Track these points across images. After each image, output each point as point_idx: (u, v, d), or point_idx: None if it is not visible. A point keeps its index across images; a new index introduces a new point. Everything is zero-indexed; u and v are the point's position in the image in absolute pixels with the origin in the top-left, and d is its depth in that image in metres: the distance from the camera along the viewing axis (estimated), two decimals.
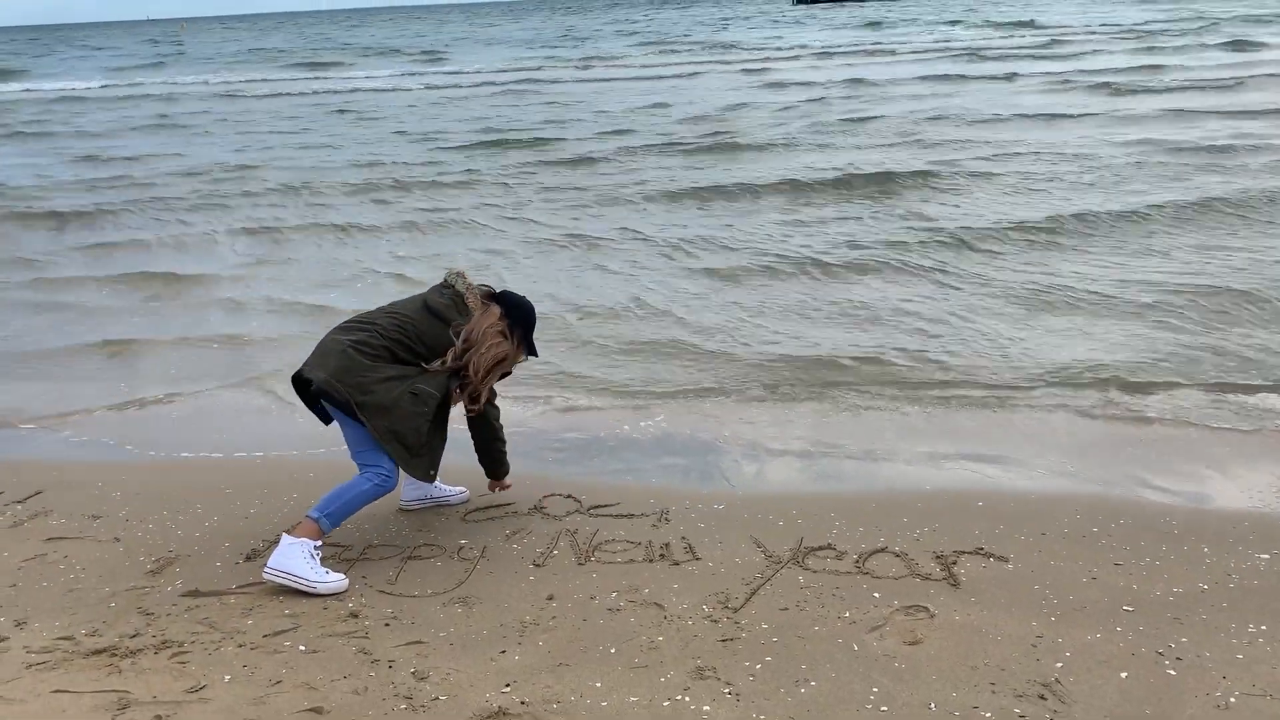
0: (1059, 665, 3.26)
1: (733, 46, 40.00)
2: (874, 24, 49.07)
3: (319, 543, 3.94)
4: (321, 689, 3.26)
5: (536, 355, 4.45)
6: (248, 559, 4.18)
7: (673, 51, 38.92)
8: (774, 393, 6.11)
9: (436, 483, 4.58)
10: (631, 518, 4.45)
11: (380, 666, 3.38)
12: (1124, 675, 3.21)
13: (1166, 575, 3.82)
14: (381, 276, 9.39)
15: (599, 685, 3.24)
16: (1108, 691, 3.13)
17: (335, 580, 3.89)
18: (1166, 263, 8.42)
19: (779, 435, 5.48)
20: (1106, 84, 20.33)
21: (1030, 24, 41.06)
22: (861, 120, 17.61)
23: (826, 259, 9.05)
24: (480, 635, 3.57)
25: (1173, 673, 3.22)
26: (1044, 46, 31.19)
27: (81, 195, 14.26)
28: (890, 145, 14.85)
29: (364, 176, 14.64)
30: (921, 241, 9.48)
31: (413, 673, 3.34)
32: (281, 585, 3.86)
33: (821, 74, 26.66)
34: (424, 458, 4.06)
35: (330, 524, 3.98)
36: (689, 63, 33.44)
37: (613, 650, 3.44)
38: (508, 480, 4.63)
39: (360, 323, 4.11)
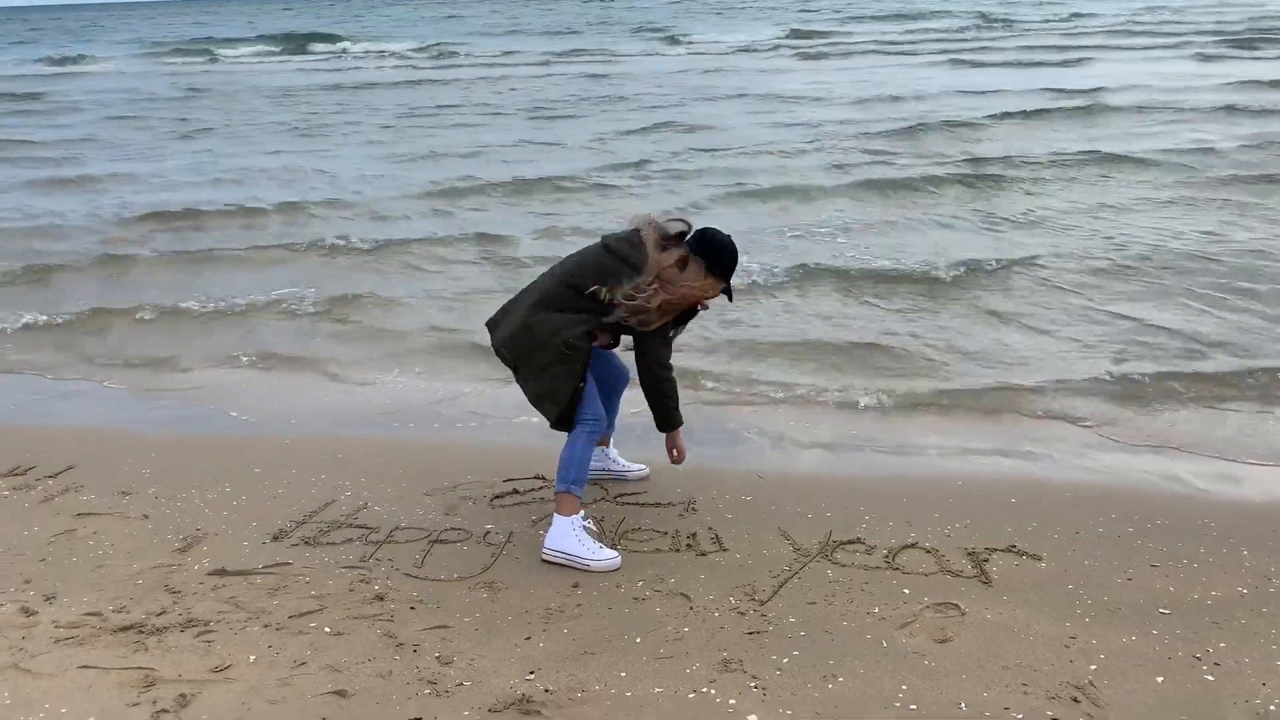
0: (1093, 668, 3.20)
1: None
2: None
3: (581, 514, 4.00)
4: (346, 671, 3.26)
5: (730, 299, 4.20)
6: (275, 539, 4.18)
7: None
8: (806, 383, 6.05)
9: (615, 457, 4.67)
10: (658, 506, 4.42)
11: (405, 650, 3.37)
12: (1160, 679, 3.14)
13: (1204, 578, 3.74)
14: None
15: (624, 675, 3.22)
16: (1143, 695, 3.07)
17: (607, 558, 3.89)
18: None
19: (809, 426, 5.42)
20: None
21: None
22: None
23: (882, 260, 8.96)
24: (505, 621, 3.55)
25: (1210, 678, 3.15)
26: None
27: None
28: None
29: None
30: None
31: (437, 657, 3.33)
32: (557, 564, 3.92)
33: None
34: (567, 413, 4.00)
35: (579, 488, 4.00)
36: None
37: (638, 640, 3.41)
38: (681, 440, 4.33)
39: (546, 275, 4.09)
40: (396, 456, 5.04)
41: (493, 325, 4.14)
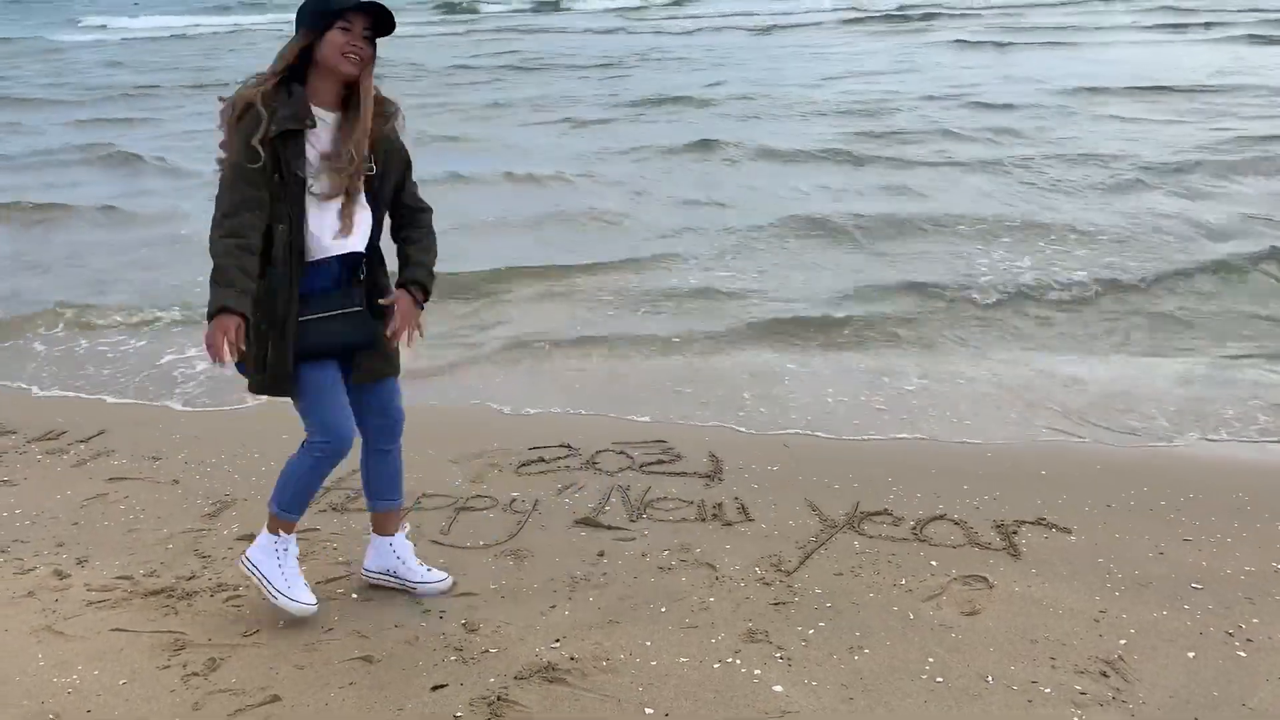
0: (1123, 642, 3.16)
1: None
2: None
3: (279, 536, 3.34)
4: (372, 637, 3.28)
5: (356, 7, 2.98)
6: None
7: None
8: (833, 351, 6.00)
9: (405, 556, 3.56)
10: (684, 476, 4.40)
11: (431, 617, 3.39)
12: (1191, 655, 3.10)
13: (1238, 553, 3.68)
14: None
15: (649, 644, 3.22)
16: (1173, 671, 3.03)
17: (300, 602, 3.29)
18: None
19: (837, 396, 5.39)
20: None
21: None
22: None
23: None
24: (531, 589, 3.56)
25: (1243, 654, 3.10)
26: None
27: None
28: None
29: None
30: None
31: (463, 624, 3.34)
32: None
33: None
34: (260, 374, 3.27)
35: (289, 515, 3.35)
36: None
37: (663, 609, 3.41)
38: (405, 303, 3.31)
39: None
40: (422, 424, 5.02)
41: None
